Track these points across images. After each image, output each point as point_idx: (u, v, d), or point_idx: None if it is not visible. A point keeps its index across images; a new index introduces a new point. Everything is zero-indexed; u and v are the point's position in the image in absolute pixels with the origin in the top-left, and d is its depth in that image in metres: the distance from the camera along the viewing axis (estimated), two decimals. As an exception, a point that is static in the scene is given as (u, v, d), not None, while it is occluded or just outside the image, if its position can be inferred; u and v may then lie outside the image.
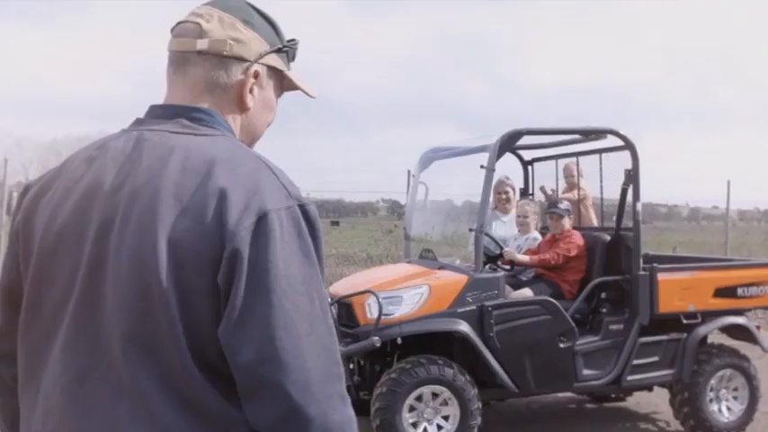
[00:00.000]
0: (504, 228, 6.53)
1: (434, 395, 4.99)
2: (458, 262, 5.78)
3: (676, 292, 5.54)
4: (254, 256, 1.13)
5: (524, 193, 6.96)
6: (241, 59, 1.33)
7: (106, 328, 1.17)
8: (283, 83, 1.43)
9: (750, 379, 5.75)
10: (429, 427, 4.97)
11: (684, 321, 5.57)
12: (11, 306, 1.32)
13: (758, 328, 5.98)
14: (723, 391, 5.75)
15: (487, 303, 5.08)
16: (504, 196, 6.66)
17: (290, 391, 1.11)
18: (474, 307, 5.08)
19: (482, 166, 5.25)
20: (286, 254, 1.15)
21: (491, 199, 6.43)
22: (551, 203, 6.16)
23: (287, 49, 1.40)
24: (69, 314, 1.20)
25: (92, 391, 1.17)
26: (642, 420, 6.29)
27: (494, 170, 5.29)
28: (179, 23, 1.35)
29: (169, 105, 1.33)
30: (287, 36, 1.41)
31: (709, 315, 5.70)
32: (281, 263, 1.14)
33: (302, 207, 1.20)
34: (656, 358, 5.57)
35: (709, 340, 6.00)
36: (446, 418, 5.01)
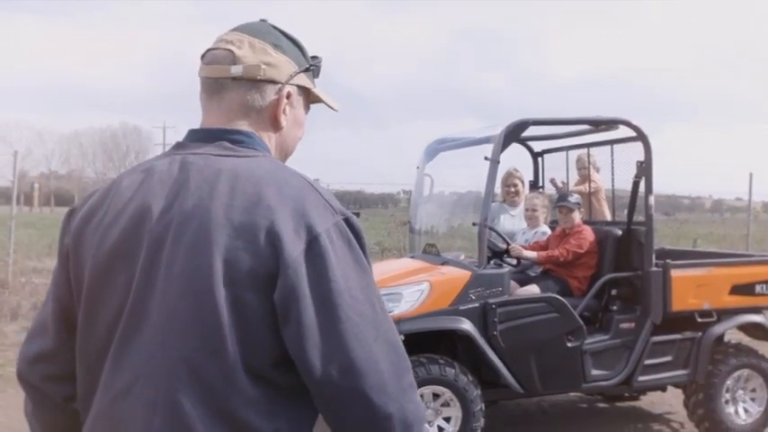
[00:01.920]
0: (512, 221, 6.33)
1: (435, 396, 4.81)
2: (462, 257, 5.57)
3: (691, 289, 5.30)
4: (313, 277, 1.20)
5: (534, 185, 6.74)
6: (273, 82, 1.39)
7: (148, 345, 1.23)
8: (309, 98, 1.49)
9: (769, 380, 5.51)
10: (430, 430, 4.78)
11: (699, 320, 5.35)
12: (63, 323, 1.38)
13: (777, 326, 5.72)
14: (740, 392, 5.52)
15: (491, 300, 4.88)
16: (512, 189, 6.46)
17: (370, 395, 1.20)
18: (477, 304, 4.87)
19: (486, 158, 5.05)
20: (342, 268, 1.23)
21: (499, 192, 6.22)
22: (561, 196, 5.93)
23: (313, 68, 1.47)
24: (120, 330, 1.26)
25: (131, 406, 1.23)
26: (655, 421, 6.07)
27: (498, 162, 5.08)
28: (209, 50, 1.41)
29: (209, 129, 1.39)
30: (310, 52, 1.48)
31: (725, 313, 5.47)
32: (341, 279, 1.22)
33: (347, 220, 1.29)
34: (669, 358, 5.35)
35: (725, 339, 5.76)
36: (447, 419, 4.83)
